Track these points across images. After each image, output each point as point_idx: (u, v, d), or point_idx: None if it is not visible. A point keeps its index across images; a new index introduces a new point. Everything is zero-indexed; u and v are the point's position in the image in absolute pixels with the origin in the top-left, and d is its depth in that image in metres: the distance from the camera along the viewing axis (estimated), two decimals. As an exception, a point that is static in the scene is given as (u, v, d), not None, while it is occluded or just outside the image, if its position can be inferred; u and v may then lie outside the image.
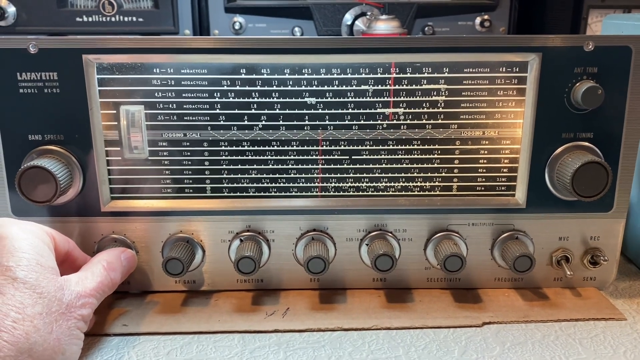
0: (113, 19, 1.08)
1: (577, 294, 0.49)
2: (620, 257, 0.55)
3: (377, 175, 0.48)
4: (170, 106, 0.46)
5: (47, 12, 1.06)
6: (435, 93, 0.46)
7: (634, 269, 0.54)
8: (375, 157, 0.48)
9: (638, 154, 0.48)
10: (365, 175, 0.48)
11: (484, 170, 0.48)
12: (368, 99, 0.46)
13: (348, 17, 1.07)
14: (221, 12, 1.08)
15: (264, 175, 0.48)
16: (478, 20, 1.10)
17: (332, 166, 0.48)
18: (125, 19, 1.08)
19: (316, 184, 0.48)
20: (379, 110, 0.47)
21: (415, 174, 0.48)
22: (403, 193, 0.49)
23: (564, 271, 0.48)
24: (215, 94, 0.46)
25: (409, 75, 0.46)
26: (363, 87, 0.46)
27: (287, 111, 0.47)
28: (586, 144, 0.46)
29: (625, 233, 0.54)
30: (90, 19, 1.08)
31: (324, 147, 0.48)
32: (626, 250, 0.55)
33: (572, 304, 0.48)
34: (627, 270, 0.54)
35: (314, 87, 0.46)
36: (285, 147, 0.47)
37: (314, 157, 0.48)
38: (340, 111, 0.47)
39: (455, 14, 1.10)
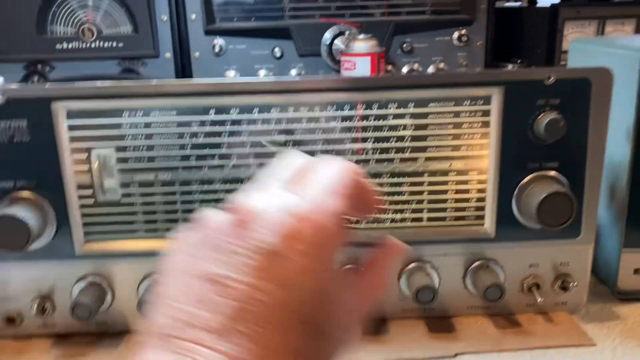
0: (93, 45, 1.08)
1: (549, 320, 0.50)
2: (593, 278, 0.56)
3: (348, 209, 0.49)
4: (141, 149, 0.47)
5: (27, 39, 1.07)
6: (401, 128, 0.47)
7: (606, 290, 0.55)
8: (346, 191, 0.49)
9: (603, 178, 0.49)
10: (337, 209, 0.49)
11: (453, 201, 0.49)
12: (337, 136, 0.47)
13: (327, 37, 1.08)
14: (201, 35, 1.09)
15: (237, 213, 0.49)
16: (456, 35, 1.11)
17: (303, 202, 0.49)
18: (106, 44, 1.09)
19: (289, 220, 0.49)
20: (347, 146, 0.47)
21: (386, 207, 0.49)
22: (374, 226, 0.50)
23: (535, 298, 0.49)
24: (185, 135, 0.47)
25: (375, 111, 0.47)
26: (331, 124, 0.47)
27: (258, 149, 0.47)
28: (552, 173, 0.47)
29: (597, 254, 0.55)
30: (70, 46, 1.08)
31: (295, 184, 0.48)
32: (598, 271, 0.56)
33: (544, 331, 0.49)
34: (599, 292, 0.55)
35: (283, 126, 0.47)
36: (257, 185, 0.48)
37: (286, 193, 0.48)
38: (309, 147, 0.47)
39: (432, 30, 1.11)
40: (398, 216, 0.49)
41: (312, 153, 0.47)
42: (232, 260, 0.26)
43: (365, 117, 0.47)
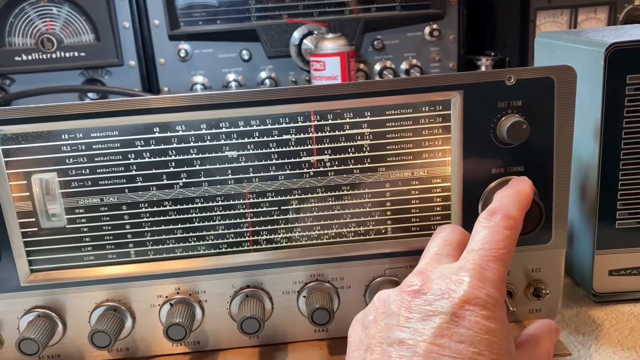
0: (54, 55, 1.05)
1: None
2: (568, 280, 0.54)
3: (309, 224, 0.47)
4: (84, 171, 0.44)
5: (-15, 52, 1.03)
6: (359, 138, 0.45)
7: (581, 292, 0.53)
8: (305, 205, 0.46)
9: (572, 178, 0.47)
10: (296, 224, 0.47)
11: (417, 211, 0.47)
12: (292, 148, 0.45)
13: (296, 37, 1.05)
14: (165, 40, 1.06)
15: (190, 234, 0.46)
16: (427, 30, 1.09)
17: (261, 218, 0.46)
18: (67, 54, 1.05)
19: (247, 238, 0.47)
20: (304, 159, 0.45)
21: (348, 220, 0.47)
22: (337, 240, 0.47)
23: (507, 307, 0.47)
24: (129, 155, 0.44)
25: (330, 122, 0.44)
26: (285, 136, 0.44)
27: (208, 167, 0.45)
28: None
29: (570, 256, 0.54)
30: (29, 57, 1.05)
31: (251, 200, 0.46)
32: (573, 273, 0.54)
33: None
34: (574, 295, 0.53)
35: (234, 141, 0.44)
36: (210, 204, 0.45)
37: (242, 210, 0.46)
38: (264, 162, 0.45)
39: (403, 26, 1.09)
40: (361, 229, 0.47)
41: (266, 167, 0.44)
42: (416, 325, 0.32)
43: (320, 128, 0.44)
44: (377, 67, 1.10)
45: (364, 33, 1.08)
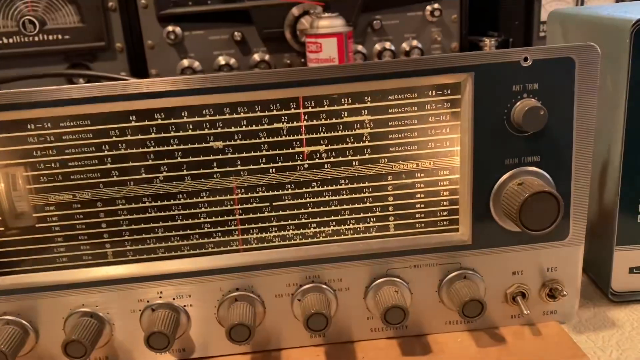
0: (36, 38, 0.99)
1: (536, 332, 0.44)
2: (584, 278, 0.50)
3: (303, 221, 0.43)
4: (53, 165, 0.40)
5: (-36, 36, 0.98)
6: (358, 126, 0.40)
7: (598, 291, 0.50)
8: (300, 201, 0.42)
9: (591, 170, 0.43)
10: (290, 222, 0.43)
11: (422, 206, 0.43)
12: (283, 138, 0.40)
13: (290, 17, 1.00)
14: (154, 21, 1.01)
15: (173, 233, 0.42)
16: (428, 9, 1.04)
17: (251, 215, 0.42)
18: (50, 37, 1.00)
19: (235, 237, 0.42)
20: (297, 150, 0.41)
21: (346, 216, 0.43)
22: (335, 238, 0.43)
23: (521, 309, 0.43)
24: (103, 147, 0.40)
25: (326, 108, 0.40)
26: (276, 125, 0.40)
27: (191, 159, 0.40)
28: (533, 168, 0.41)
29: (587, 253, 0.49)
30: (11, 40, 0.99)
31: (240, 196, 0.42)
32: (589, 271, 0.50)
33: (532, 346, 0.43)
34: (590, 294, 0.49)
35: (219, 130, 0.40)
36: (194, 199, 0.41)
37: (229, 207, 0.42)
38: (253, 154, 0.41)
39: (403, 5, 1.04)
40: (361, 226, 0.43)
41: (256, 159, 0.40)
42: None
43: (315, 115, 0.40)
44: (376, 48, 1.05)
45: (362, 13, 1.03)
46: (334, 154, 0.41)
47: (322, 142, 0.41)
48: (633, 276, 0.47)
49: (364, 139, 0.41)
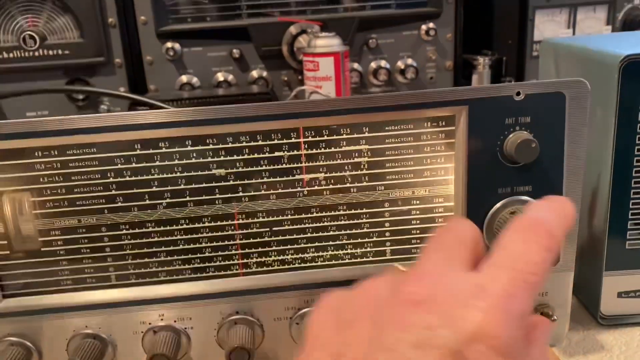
0: (36, 53, 1.00)
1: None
2: (574, 301, 0.52)
3: (302, 245, 0.44)
4: (59, 191, 0.41)
5: (-37, 49, 0.99)
6: (357, 155, 0.42)
7: (588, 315, 0.51)
8: (299, 226, 0.43)
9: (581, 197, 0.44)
10: (289, 247, 0.44)
11: (418, 232, 0.44)
12: (284, 166, 0.42)
13: (288, 36, 1.02)
14: (153, 38, 1.02)
15: (175, 257, 0.43)
16: (423, 29, 1.06)
17: (251, 240, 0.43)
18: (50, 52, 1.01)
19: (236, 261, 0.44)
20: (297, 177, 0.42)
21: (344, 241, 0.44)
22: (333, 263, 0.44)
23: (512, 333, 0.44)
24: (108, 174, 0.41)
25: (326, 138, 0.41)
26: (277, 153, 0.41)
27: (194, 185, 0.42)
28: (525, 198, 0.42)
29: (577, 277, 0.51)
30: (11, 55, 1.00)
31: (241, 221, 0.43)
32: (579, 294, 0.52)
33: (523, 370, 0.44)
34: (580, 317, 0.51)
35: (222, 158, 0.41)
36: (196, 225, 0.42)
37: (230, 232, 0.43)
38: (254, 181, 0.42)
39: (398, 25, 1.06)
40: (358, 251, 0.44)
41: (257, 187, 0.41)
42: (407, 353, 0.24)
43: (315, 145, 0.41)
44: (372, 66, 1.07)
45: (358, 32, 1.05)
46: (332, 182, 0.42)
47: (321, 170, 0.42)
48: (622, 300, 0.49)
49: (362, 167, 0.42)
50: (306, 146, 0.41)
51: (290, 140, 0.41)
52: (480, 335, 0.23)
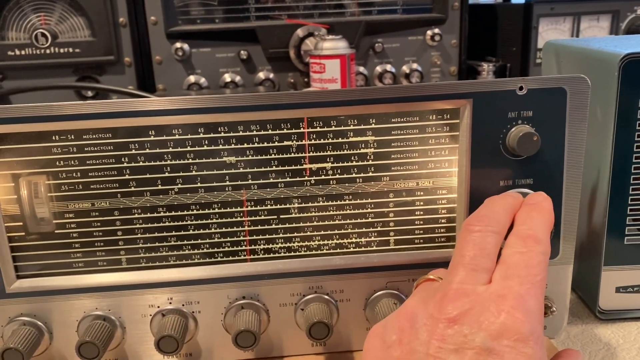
0: (48, 51, 1.02)
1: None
2: (573, 296, 0.53)
3: (308, 233, 0.45)
4: (74, 175, 0.42)
5: (-23, 46, 1.00)
6: (363, 145, 0.43)
7: (586, 309, 0.52)
8: (305, 214, 0.44)
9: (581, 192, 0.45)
10: (295, 234, 0.45)
11: (421, 222, 0.45)
12: (292, 155, 0.43)
13: (295, 38, 1.03)
14: (162, 38, 1.04)
15: (185, 242, 0.44)
16: (429, 34, 1.08)
17: (259, 227, 0.44)
18: (61, 50, 1.03)
19: (243, 247, 0.45)
20: (305, 166, 0.43)
21: (349, 230, 0.45)
22: (338, 251, 0.45)
23: (512, 324, 0.45)
24: (122, 159, 0.42)
25: (333, 128, 0.42)
26: (286, 142, 0.43)
27: (205, 172, 0.43)
28: (526, 190, 0.43)
29: (576, 272, 0.52)
30: (23, 52, 1.02)
31: (249, 208, 0.44)
32: (578, 289, 0.53)
33: None
34: (579, 312, 0.52)
35: (233, 146, 0.42)
36: (206, 211, 0.44)
37: (239, 218, 0.44)
38: (263, 169, 0.43)
39: (404, 29, 1.08)
40: (363, 240, 0.45)
41: (266, 174, 0.43)
42: (449, 358, 0.30)
43: (322, 135, 0.43)
44: (377, 70, 1.08)
45: (364, 36, 1.06)
46: (339, 171, 0.44)
47: (328, 159, 0.43)
48: (619, 295, 0.50)
49: (368, 158, 0.43)
50: (314, 136, 0.43)
51: (299, 130, 0.42)
52: (505, 331, 0.29)
